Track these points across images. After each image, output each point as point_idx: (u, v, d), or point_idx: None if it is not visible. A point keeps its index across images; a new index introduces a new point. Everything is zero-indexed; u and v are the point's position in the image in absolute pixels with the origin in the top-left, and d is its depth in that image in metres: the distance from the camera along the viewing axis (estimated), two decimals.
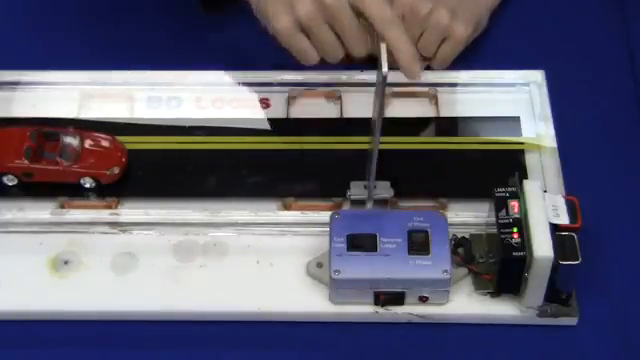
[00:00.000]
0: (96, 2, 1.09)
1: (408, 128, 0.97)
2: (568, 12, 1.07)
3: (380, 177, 0.88)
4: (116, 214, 0.91)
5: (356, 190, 0.90)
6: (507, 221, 0.83)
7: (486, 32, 1.04)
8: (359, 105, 0.99)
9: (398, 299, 0.85)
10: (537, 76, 0.99)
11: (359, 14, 0.90)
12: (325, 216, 0.88)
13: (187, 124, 0.98)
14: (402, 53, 0.89)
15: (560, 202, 0.84)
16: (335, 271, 0.84)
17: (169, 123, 0.98)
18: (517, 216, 0.83)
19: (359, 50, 0.92)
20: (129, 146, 0.94)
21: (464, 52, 1.01)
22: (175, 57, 1.03)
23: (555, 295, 0.84)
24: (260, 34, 0.94)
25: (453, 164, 0.95)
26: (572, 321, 0.86)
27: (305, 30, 0.91)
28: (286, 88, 1.00)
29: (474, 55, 1.02)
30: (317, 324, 0.86)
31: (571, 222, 0.83)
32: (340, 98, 1.00)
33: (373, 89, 0.82)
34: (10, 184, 0.92)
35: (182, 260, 0.89)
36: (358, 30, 0.91)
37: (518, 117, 0.97)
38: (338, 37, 0.92)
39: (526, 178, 0.89)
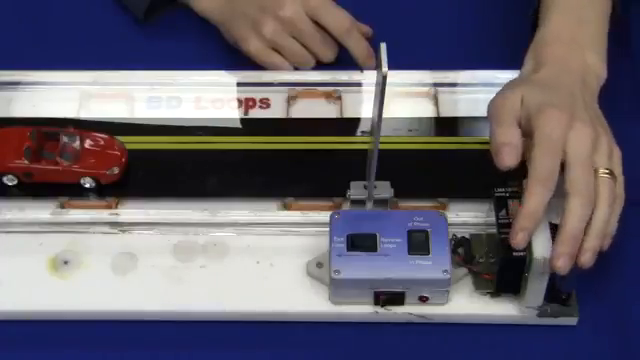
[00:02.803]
0: (96, 2, 1.09)
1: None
2: None
3: (380, 177, 0.88)
4: (116, 214, 0.91)
5: (356, 190, 0.90)
6: (507, 221, 0.83)
7: (486, 32, 1.04)
8: (359, 105, 0.99)
9: (398, 299, 0.85)
10: None
11: (317, 24, 1.00)
12: (325, 216, 0.88)
13: (187, 124, 0.98)
14: (361, 56, 1.01)
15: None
16: (335, 271, 0.84)
17: (169, 123, 0.98)
18: None
19: (327, 55, 1.02)
20: (129, 146, 0.94)
21: (464, 52, 1.01)
22: (175, 57, 1.03)
23: (555, 295, 0.84)
24: None
25: (453, 164, 0.95)
26: (572, 321, 0.86)
27: (274, 47, 1.00)
28: (286, 88, 1.00)
29: (474, 55, 1.02)
30: (317, 324, 0.86)
31: None
32: (340, 98, 1.00)
33: (373, 89, 0.82)
34: (10, 184, 0.92)
35: (182, 260, 0.89)
36: (322, 38, 1.01)
37: None
38: (306, 47, 1.01)
39: (526, 178, 0.89)
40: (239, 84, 1.00)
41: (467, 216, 0.89)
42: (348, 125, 0.98)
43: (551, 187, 0.81)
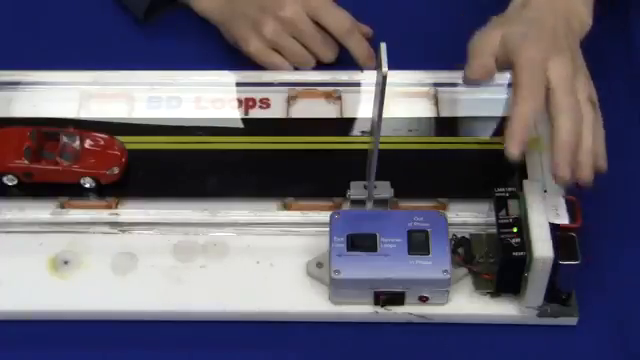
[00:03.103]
0: (96, 2, 1.09)
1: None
2: None
3: (380, 177, 0.88)
4: (116, 214, 0.91)
5: (356, 190, 0.90)
6: (507, 221, 0.83)
7: None
8: (359, 105, 0.99)
9: (398, 299, 0.85)
10: None
11: (318, 24, 1.00)
12: (325, 216, 0.88)
13: (187, 124, 0.98)
14: (361, 56, 1.01)
15: (560, 202, 0.84)
16: (335, 271, 0.84)
17: (169, 123, 0.98)
18: (517, 216, 0.83)
19: (327, 56, 1.01)
20: (129, 146, 0.94)
21: (464, 52, 1.01)
22: (175, 57, 1.03)
23: (555, 295, 0.84)
24: None
25: (453, 164, 0.95)
26: (572, 321, 0.86)
27: (275, 47, 1.00)
28: (286, 88, 1.00)
29: None
30: (317, 324, 0.86)
31: (571, 222, 0.83)
32: (340, 98, 1.00)
33: (373, 89, 0.82)
34: (10, 184, 0.92)
35: (182, 260, 0.89)
36: (322, 38, 1.01)
37: None
38: (306, 47, 1.01)
39: (526, 178, 0.89)
40: (239, 84, 1.00)
41: (467, 216, 0.89)
42: (348, 125, 0.98)
43: (539, 99, 0.82)
